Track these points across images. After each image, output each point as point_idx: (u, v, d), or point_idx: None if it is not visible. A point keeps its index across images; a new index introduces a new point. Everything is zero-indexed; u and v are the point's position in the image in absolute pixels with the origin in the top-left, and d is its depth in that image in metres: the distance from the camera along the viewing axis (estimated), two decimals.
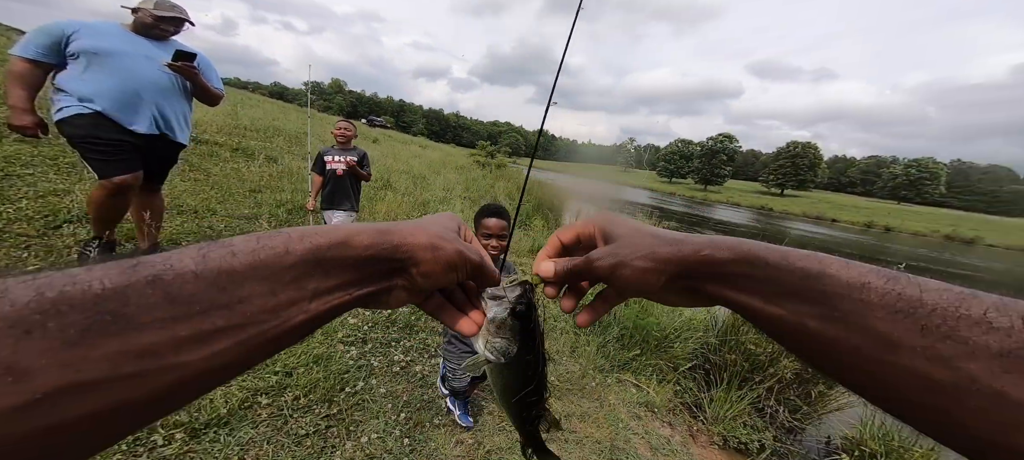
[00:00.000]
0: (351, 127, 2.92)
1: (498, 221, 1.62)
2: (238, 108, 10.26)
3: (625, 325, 2.97)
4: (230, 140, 6.23)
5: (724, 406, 2.52)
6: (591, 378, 2.54)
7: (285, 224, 3.66)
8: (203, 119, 6.83)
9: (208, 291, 0.19)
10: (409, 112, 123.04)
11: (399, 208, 5.24)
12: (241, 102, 12.81)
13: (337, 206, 2.86)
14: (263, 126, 8.37)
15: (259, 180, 4.67)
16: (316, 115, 23.42)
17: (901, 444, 2.04)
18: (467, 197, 8.41)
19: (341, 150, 2.86)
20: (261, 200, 4.05)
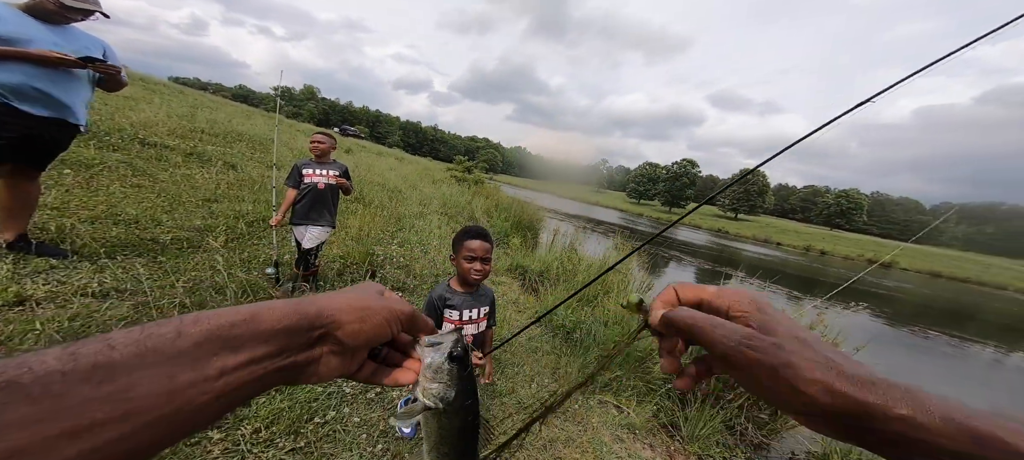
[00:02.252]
0: (329, 139, 2.78)
1: (482, 243, 1.54)
2: (196, 110, 9.52)
3: (605, 345, 2.97)
4: (183, 143, 5.71)
5: (698, 425, 2.57)
6: (574, 400, 2.49)
7: (244, 238, 3.35)
8: (152, 120, 6.24)
9: (79, 387, 0.18)
10: (385, 123, 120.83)
11: (373, 223, 5.01)
12: (201, 104, 11.91)
13: (314, 220, 2.68)
14: (223, 130, 7.79)
15: (215, 188, 4.29)
16: (284, 121, 22.17)
17: (859, 458, 2.15)
18: (444, 212, 8.25)
19: (319, 163, 2.71)
20: (217, 211, 3.70)
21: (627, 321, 3.14)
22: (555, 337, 3.29)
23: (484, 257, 1.54)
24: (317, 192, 2.63)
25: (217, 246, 2.93)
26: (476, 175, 17.61)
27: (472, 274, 1.54)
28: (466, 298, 1.61)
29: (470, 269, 1.54)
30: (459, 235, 1.59)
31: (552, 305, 3.69)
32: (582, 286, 1.53)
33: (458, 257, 1.58)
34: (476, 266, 1.53)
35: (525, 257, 5.66)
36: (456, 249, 1.59)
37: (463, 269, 1.55)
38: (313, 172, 2.64)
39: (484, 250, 1.53)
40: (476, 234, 1.56)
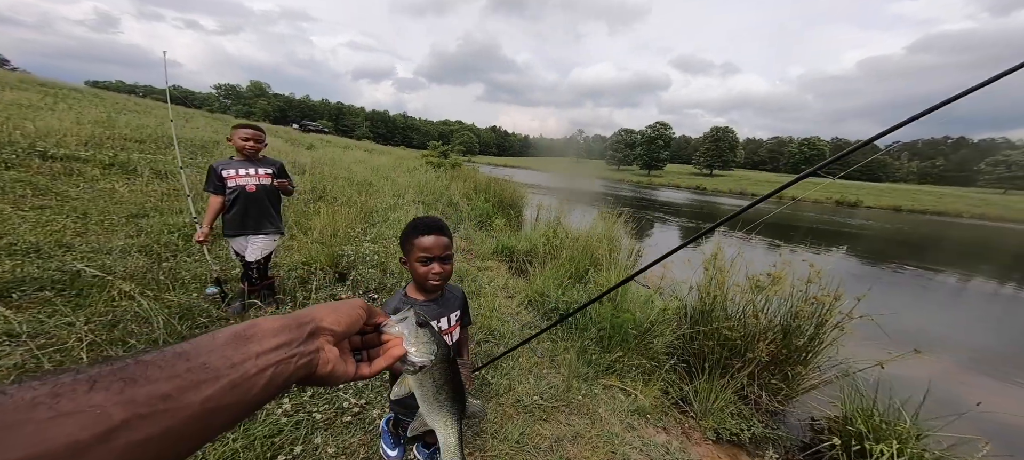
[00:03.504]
0: (256, 132, 2.31)
1: (438, 238, 1.17)
2: (115, 114, 8.37)
3: (602, 325, 2.78)
4: (101, 153, 4.93)
5: (710, 398, 2.45)
6: (577, 390, 2.30)
7: (181, 255, 2.87)
8: (56, 128, 5.33)
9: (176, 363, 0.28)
10: (350, 115, 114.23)
11: (340, 221, 4.55)
12: (125, 108, 10.54)
13: (253, 228, 2.26)
14: (153, 134, 6.87)
15: (144, 201, 3.69)
16: (231, 121, 20.44)
17: (883, 419, 2.07)
18: (421, 201, 7.79)
19: (247, 162, 2.26)
20: (146, 227, 3.17)
21: (621, 297, 2.95)
22: (548, 321, 3.08)
23: (443, 256, 1.19)
24: (248, 196, 2.21)
25: (140, 268, 2.46)
26: (453, 159, 16.92)
27: (430, 279, 1.19)
28: (429, 308, 1.27)
29: (427, 273, 1.19)
30: (406, 232, 1.21)
31: (542, 287, 3.46)
32: (617, 284, 1.25)
33: (410, 260, 1.21)
34: (434, 269, 1.18)
35: (510, 238, 5.39)
36: (406, 250, 1.22)
37: (418, 274, 1.20)
38: (237, 173, 2.20)
39: (441, 246, 1.18)
40: (427, 228, 1.18)
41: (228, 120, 19.56)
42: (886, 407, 2.14)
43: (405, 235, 1.22)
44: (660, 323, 2.80)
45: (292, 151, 11.25)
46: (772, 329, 2.51)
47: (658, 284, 3.50)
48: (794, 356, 2.56)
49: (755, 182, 52.91)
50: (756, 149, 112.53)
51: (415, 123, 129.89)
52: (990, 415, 2.73)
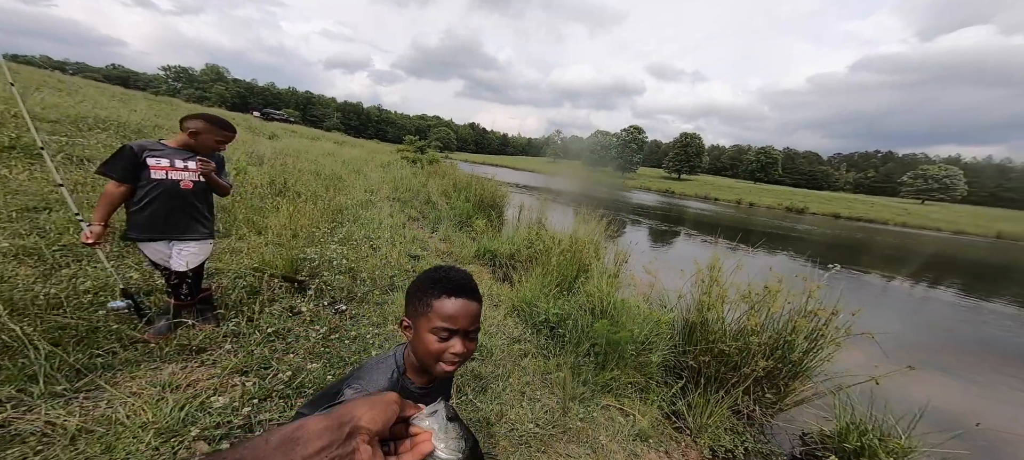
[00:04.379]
0: (221, 132, 1.88)
1: (467, 305, 0.79)
2: (28, 89, 7.11)
3: (595, 340, 2.60)
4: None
5: (704, 412, 2.35)
6: (574, 413, 2.09)
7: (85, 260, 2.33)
8: None
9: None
10: (319, 105, 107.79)
11: (304, 220, 4.06)
12: (44, 84, 9.04)
13: (176, 233, 1.82)
14: (73, 114, 5.86)
15: (48, 192, 3.03)
16: (181, 106, 18.36)
17: (876, 434, 2.05)
18: (396, 198, 7.30)
19: (188, 152, 1.82)
20: (47, 222, 2.57)
21: (618, 311, 2.79)
22: (539, 335, 2.86)
23: (469, 330, 0.80)
24: (179, 194, 1.79)
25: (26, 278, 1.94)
26: (430, 154, 16.29)
27: (445, 363, 0.80)
28: (423, 396, 0.89)
29: (442, 353, 0.79)
30: (422, 286, 0.81)
31: (528, 295, 3.24)
32: None
33: (419, 327, 0.80)
34: (455, 348, 0.78)
35: (492, 240, 5.12)
36: (416, 311, 0.81)
37: (428, 351, 0.79)
38: (172, 164, 1.76)
39: (470, 316, 0.79)
40: (456, 287, 0.79)
41: (176, 104, 17.58)
42: (876, 422, 2.14)
43: (418, 291, 0.81)
44: (654, 337, 2.67)
45: (251, 140, 10.23)
46: (770, 344, 2.45)
47: (647, 293, 3.39)
48: (789, 370, 2.52)
49: (718, 187, 56.23)
50: (719, 155, 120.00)
51: (390, 116, 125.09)
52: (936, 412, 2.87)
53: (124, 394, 1.47)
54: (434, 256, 4.40)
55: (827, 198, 55.52)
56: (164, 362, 1.72)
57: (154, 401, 1.46)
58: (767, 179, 79.01)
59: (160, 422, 1.37)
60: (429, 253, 4.42)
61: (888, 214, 40.74)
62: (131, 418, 1.38)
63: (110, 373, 1.58)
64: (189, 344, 1.82)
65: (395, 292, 3.01)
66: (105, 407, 1.41)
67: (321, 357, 1.99)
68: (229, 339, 1.94)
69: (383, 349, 2.21)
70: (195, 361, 1.76)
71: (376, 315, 2.59)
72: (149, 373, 1.63)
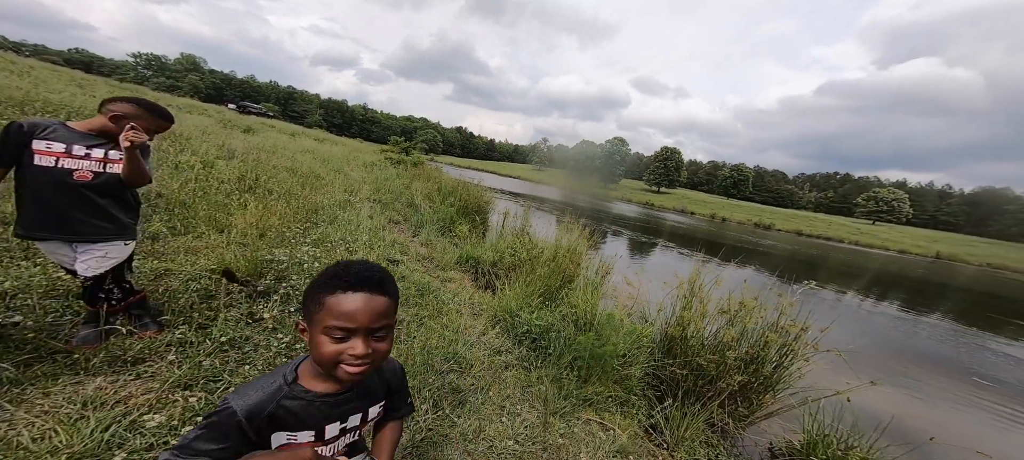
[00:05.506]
0: (165, 122, 1.66)
1: (370, 300, 0.70)
2: None
3: (579, 353, 2.54)
4: None
5: (682, 427, 2.35)
6: (556, 428, 2.01)
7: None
8: None
9: None
10: (301, 101, 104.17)
11: (274, 220, 3.81)
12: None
13: (71, 233, 1.52)
14: (19, 96, 5.32)
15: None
16: (147, 94, 17.28)
17: (841, 447, 2.10)
18: (377, 200, 7.06)
19: (99, 137, 1.53)
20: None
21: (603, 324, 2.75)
22: (520, 346, 2.77)
23: (376, 326, 0.71)
24: (70, 186, 1.47)
25: None
26: (415, 156, 15.99)
27: (346, 366, 0.71)
28: (331, 404, 0.78)
29: (338, 356, 0.70)
30: (317, 281, 0.73)
31: (510, 305, 3.16)
32: None
33: (313, 329, 0.72)
34: (355, 349, 0.69)
35: (476, 247, 5.01)
36: (308, 310, 0.73)
37: (322, 354, 0.70)
38: (64, 150, 1.45)
39: (374, 313, 0.70)
40: (355, 281, 0.70)
41: (143, 92, 16.46)
42: (841, 435, 2.20)
43: (312, 289, 0.72)
44: (635, 349, 2.65)
45: (222, 132, 9.67)
46: (745, 358, 2.48)
47: (628, 305, 3.39)
48: (761, 383, 2.56)
49: (694, 201, 58.59)
50: (697, 170, 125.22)
51: (376, 116, 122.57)
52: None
53: (31, 415, 1.25)
54: (414, 261, 4.25)
55: (791, 216, 59.01)
56: (90, 375, 1.50)
57: (71, 421, 1.26)
58: (739, 195, 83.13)
59: (76, 446, 1.17)
60: (409, 258, 4.26)
61: (844, 233, 43.72)
62: (37, 442, 1.17)
63: (17, 389, 1.35)
64: (123, 354, 1.60)
65: None
66: (5, 429, 1.19)
67: None
68: (173, 349, 1.73)
69: None
70: (129, 374, 1.55)
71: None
72: (69, 389, 1.40)
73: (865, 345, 6.05)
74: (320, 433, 0.78)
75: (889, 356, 5.89)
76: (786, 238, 33.45)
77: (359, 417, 0.86)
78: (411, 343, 2.34)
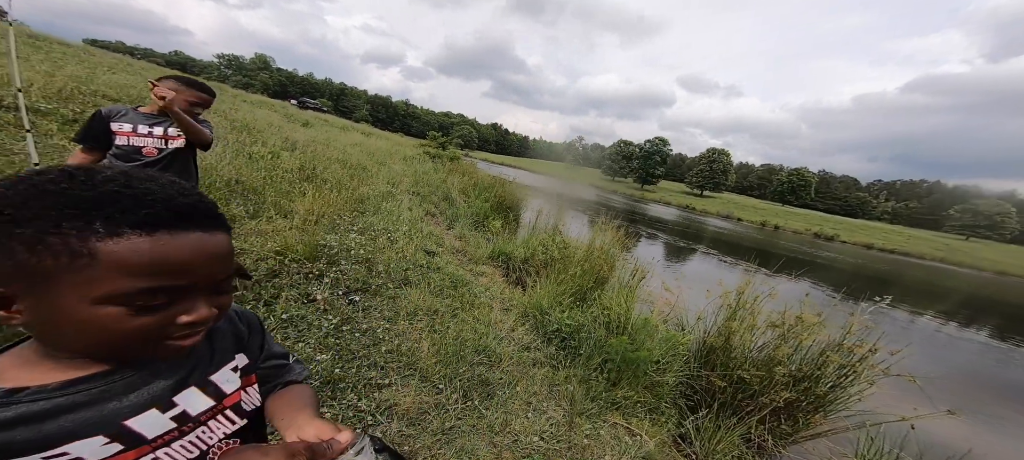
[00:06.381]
0: (188, 89, 1.74)
1: (205, 241, 0.41)
2: (100, 72, 7.70)
3: (609, 355, 2.51)
4: (65, 107, 4.42)
5: (714, 439, 2.23)
6: (581, 429, 2.02)
7: None
8: (26, 78, 4.77)
9: None
10: (351, 97, 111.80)
11: (327, 206, 4.17)
12: (113, 67, 9.80)
13: None
14: (136, 95, 6.31)
15: None
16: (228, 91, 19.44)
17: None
18: (416, 192, 7.42)
19: (160, 118, 1.70)
20: None
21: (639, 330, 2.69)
22: (549, 344, 2.79)
23: (221, 278, 0.43)
24: (140, 162, 1.63)
25: None
26: (451, 151, 16.50)
27: (176, 340, 0.41)
28: (104, 393, 0.40)
29: (160, 327, 0.39)
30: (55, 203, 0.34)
31: (541, 303, 3.18)
32: None
33: (57, 294, 0.35)
34: (198, 312, 0.41)
35: (508, 242, 5.09)
36: (41, 264, 0.34)
37: (112, 331, 0.37)
38: (133, 129, 1.61)
39: (218, 261, 0.42)
40: (178, 215, 0.39)
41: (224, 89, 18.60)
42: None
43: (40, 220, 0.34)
44: (670, 357, 2.56)
45: (286, 126, 10.69)
46: (796, 375, 2.29)
47: (664, 311, 3.27)
48: (812, 403, 2.36)
49: (741, 207, 54.01)
50: (747, 174, 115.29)
51: (416, 111, 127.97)
52: None
53: None
54: (449, 253, 4.43)
55: (861, 226, 52.34)
56: None
57: None
58: (797, 202, 75.25)
59: None
60: (444, 250, 4.45)
61: (926, 248, 38.01)
62: None
63: None
64: None
65: (408, 287, 3.03)
66: None
67: (330, 349, 2.01)
68: None
69: (391, 344, 2.22)
70: None
71: (388, 309, 2.62)
72: None
73: (943, 372, 5.29)
74: (124, 438, 0.40)
75: (973, 386, 5.11)
76: (852, 251, 29.78)
77: (200, 393, 0.47)
78: (445, 332, 2.47)
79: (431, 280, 3.24)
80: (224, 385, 0.51)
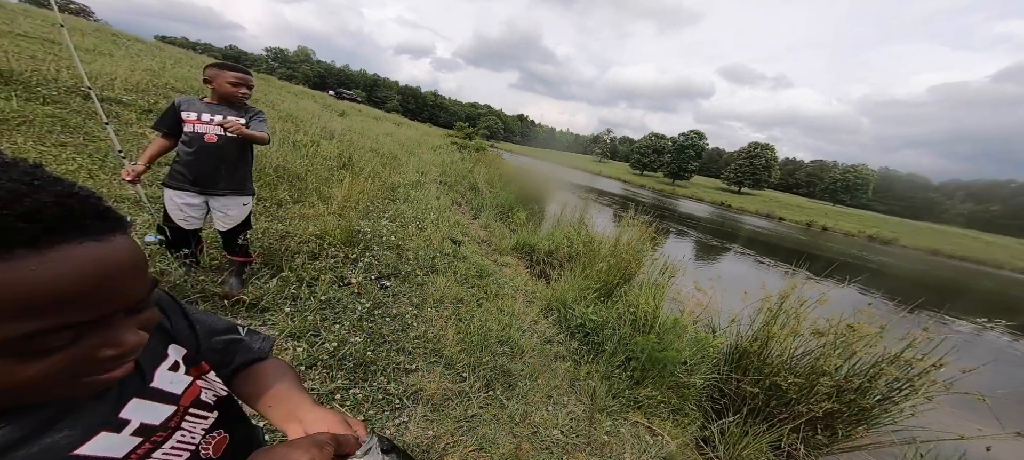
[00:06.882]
0: (249, 77, 1.93)
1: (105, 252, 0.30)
2: (170, 65, 8.48)
3: (633, 353, 2.46)
4: (142, 99, 4.92)
5: (739, 444, 2.14)
6: (602, 425, 2.02)
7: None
8: (105, 71, 5.36)
9: None
10: (383, 87, 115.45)
11: (362, 194, 4.37)
12: (180, 61, 10.75)
13: (204, 185, 1.87)
14: (194, 85, 6.89)
15: None
16: (274, 82, 20.58)
17: None
18: (443, 181, 7.57)
19: (220, 107, 1.87)
20: None
21: (665, 327, 2.61)
22: (572, 338, 2.79)
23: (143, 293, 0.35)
24: (207, 148, 1.82)
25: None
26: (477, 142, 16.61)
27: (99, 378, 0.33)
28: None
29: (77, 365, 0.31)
30: None
31: (565, 296, 3.17)
32: None
33: None
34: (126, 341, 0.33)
35: (532, 234, 5.09)
36: None
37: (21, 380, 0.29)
38: (199, 117, 1.80)
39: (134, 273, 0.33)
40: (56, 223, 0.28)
41: (272, 81, 19.80)
42: None
43: None
44: (699, 360, 2.46)
45: (324, 116, 11.24)
46: (841, 386, 2.13)
47: (696, 313, 3.14)
48: (855, 415, 2.19)
49: (785, 206, 49.93)
50: (794, 170, 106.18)
51: (444, 102, 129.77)
52: None
53: None
54: (474, 243, 4.50)
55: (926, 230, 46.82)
56: (233, 317, 1.97)
57: None
58: (851, 202, 68.41)
59: None
60: (469, 239, 4.53)
61: (1005, 256, 33.14)
62: None
63: None
64: (258, 302, 2.06)
65: (435, 274, 3.13)
66: None
67: (363, 332, 2.13)
68: (288, 301, 2.16)
69: (419, 330, 2.31)
70: (259, 320, 1.99)
71: (416, 296, 2.72)
72: None
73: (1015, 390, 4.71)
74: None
75: None
76: (913, 257, 26.83)
77: (149, 402, 0.40)
78: (470, 321, 2.54)
79: (457, 269, 3.32)
80: (170, 387, 0.43)
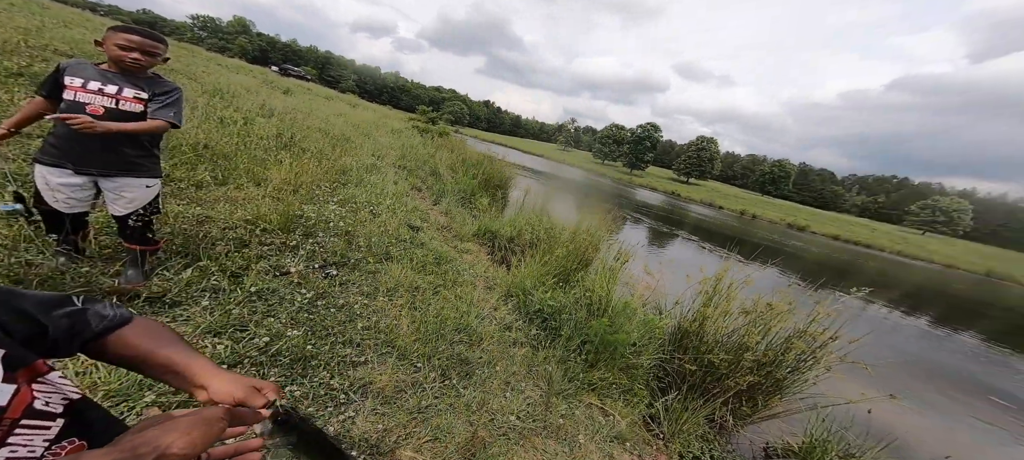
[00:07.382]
0: (150, 43, 1.61)
1: None
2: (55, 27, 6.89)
3: (588, 337, 2.54)
4: (8, 60, 3.96)
5: (680, 419, 2.34)
6: (557, 409, 2.06)
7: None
8: None
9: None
10: (338, 66, 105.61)
11: (306, 177, 3.97)
12: (71, 22, 8.80)
13: (83, 164, 1.57)
14: (87, 49, 5.70)
15: None
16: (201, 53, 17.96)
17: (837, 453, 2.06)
18: (403, 166, 7.18)
19: (117, 76, 1.58)
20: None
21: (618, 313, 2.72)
22: (531, 325, 2.80)
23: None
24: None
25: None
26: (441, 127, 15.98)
27: None
28: None
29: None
30: None
31: (524, 283, 3.17)
32: None
33: None
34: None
35: (494, 221, 5.03)
36: None
37: None
38: (81, 85, 1.51)
39: None
40: None
41: (198, 52, 17.17)
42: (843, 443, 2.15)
43: None
44: (647, 341, 2.61)
45: (263, 92, 10.03)
46: (761, 360, 2.39)
47: (645, 296, 3.32)
48: (771, 386, 2.49)
49: (724, 195, 55.19)
50: (733, 163, 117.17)
51: (406, 85, 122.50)
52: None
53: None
54: (434, 229, 4.33)
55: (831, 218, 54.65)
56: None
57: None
58: (776, 193, 77.45)
59: (112, 384, 1.31)
60: (429, 225, 4.35)
61: (886, 241, 40.10)
62: (79, 377, 1.30)
63: None
64: (163, 295, 1.76)
65: (389, 262, 2.95)
66: None
67: (303, 324, 1.94)
68: (207, 294, 1.88)
69: (369, 321, 2.16)
70: (167, 315, 1.70)
71: (367, 284, 2.54)
72: None
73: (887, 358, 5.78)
74: None
75: (910, 370, 5.61)
76: (819, 242, 31.21)
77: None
78: (426, 310, 2.43)
79: (414, 256, 3.17)
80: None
